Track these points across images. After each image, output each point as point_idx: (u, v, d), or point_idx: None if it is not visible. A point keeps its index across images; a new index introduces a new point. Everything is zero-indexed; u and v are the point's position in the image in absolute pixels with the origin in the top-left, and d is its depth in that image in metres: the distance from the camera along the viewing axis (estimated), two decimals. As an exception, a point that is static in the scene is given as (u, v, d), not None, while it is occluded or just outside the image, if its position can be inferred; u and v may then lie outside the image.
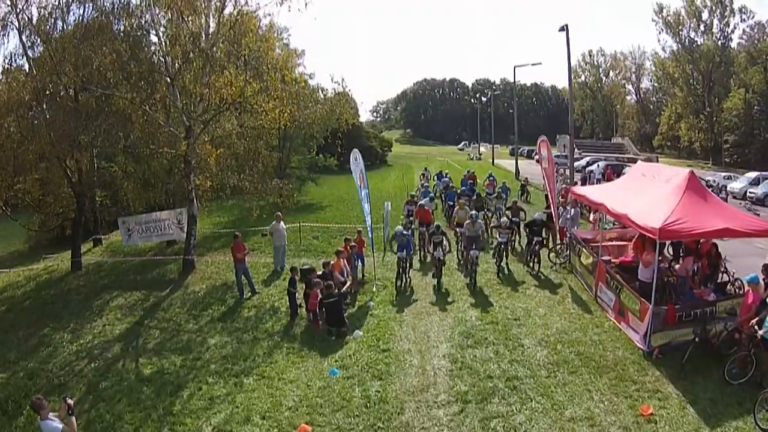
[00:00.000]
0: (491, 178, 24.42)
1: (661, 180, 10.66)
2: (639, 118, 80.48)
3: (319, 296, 9.99)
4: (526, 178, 26.49)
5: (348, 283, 11.11)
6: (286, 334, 10.28)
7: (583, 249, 12.29)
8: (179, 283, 14.42)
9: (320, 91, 14.04)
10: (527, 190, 24.92)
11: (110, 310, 13.20)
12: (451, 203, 18.16)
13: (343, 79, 13.19)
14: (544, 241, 13.56)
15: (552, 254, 13.72)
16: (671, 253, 13.07)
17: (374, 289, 12.42)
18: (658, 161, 56.44)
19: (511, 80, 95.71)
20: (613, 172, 28.74)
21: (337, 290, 10.21)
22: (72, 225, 18.35)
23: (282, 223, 14.49)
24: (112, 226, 21.73)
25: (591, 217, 15.41)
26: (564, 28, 23.93)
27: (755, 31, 58.29)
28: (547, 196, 22.05)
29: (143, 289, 14.30)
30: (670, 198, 9.59)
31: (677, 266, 11.37)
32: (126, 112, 12.50)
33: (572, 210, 13.75)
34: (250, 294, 12.70)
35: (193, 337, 10.77)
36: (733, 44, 59.40)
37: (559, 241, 14.07)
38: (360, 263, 13.05)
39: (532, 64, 37.62)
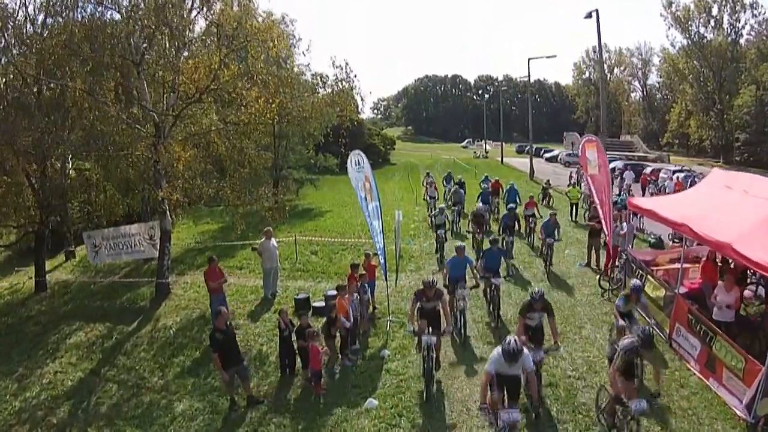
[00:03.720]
0: (529, 197, 17.31)
1: (760, 196, 8.27)
2: (645, 115, 78.49)
3: (321, 352, 7.54)
4: (548, 181, 23.94)
5: (348, 325, 8.52)
6: (275, 400, 7.79)
7: (649, 277, 9.86)
8: (149, 314, 12.04)
9: (319, 78, 11.29)
10: (549, 194, 22.44)
11: (66, 350, 11.01)
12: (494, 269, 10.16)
13: (347, 64, 10.57)
14: None
15: (602, 280, 11.30)
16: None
17: (388, 328, 9.90)
18: (669, 160, 54.71)
19: (513, 76, 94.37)
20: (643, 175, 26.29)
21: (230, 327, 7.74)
22: (35, 239, 15.99)
23: (273, 240, 11.97)
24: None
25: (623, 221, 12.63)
26: (591, 15, 21.50)
27: (763, 27, 56.26)
28: (575, 204, 19.13)
29: (108, 321, 12.07)
30: (785, 223, 7.25)
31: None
32: (68, 104, 9.98)
33: (626, 225, 11.36)
34: None
35: (156, 399, 8.34)
36: (743, 40, 57.63)
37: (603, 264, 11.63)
38: (369, 293, 10.50)
39: (547, 57, 35.19)
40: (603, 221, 11.03)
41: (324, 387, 7.75)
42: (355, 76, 10.98)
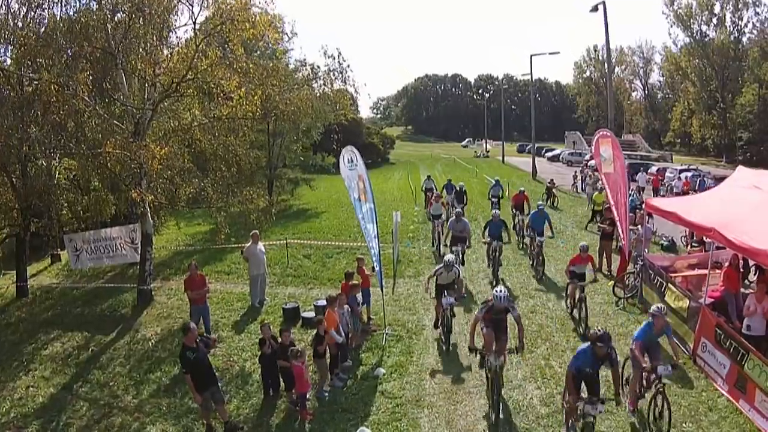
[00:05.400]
0: (583, 248, 9.68)
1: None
2: (647, 114, 77.97)
3: (304, 373, 6.72)
4: (552, 180, 23.15)
5: (339, 340, 7.69)
6: (255, 426, 6.98)
7: (670, 285, 9.05)
8: (130, 323, 11.24)
9: (310, 69, 10.48)
10: (553, 194, 21.64)
11: (41, 362, 10.23)
12: None
13: (339, 53, 9.75)
14: None
15: (617, 287, 10.47)
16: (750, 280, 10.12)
17: (384, 342, 9.09)
18: (672, 159, 53.93)
19: (513, 75, 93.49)
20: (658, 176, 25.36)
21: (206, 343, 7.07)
22: (16, 242, 15.16)
23: (260, 244, 11.11)
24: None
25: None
26: (596, 8, 20.68)
27: (766, 25, 55.61)
28: (596, 212, 15.78)
29: (86, 330, 11.28)
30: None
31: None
32: (37, 99, 9.18)
33: (641, 228, 10.57)
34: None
35: (128, 421, 7.55)
36: (745, 38, 57.02)
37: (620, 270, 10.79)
38: (365, 304, 9.66)
39: (550, 53, 34.39)
40: (618, 224, 10.20)
41: (311, 411, 6.94)
42: (348, 66, 10.16)
